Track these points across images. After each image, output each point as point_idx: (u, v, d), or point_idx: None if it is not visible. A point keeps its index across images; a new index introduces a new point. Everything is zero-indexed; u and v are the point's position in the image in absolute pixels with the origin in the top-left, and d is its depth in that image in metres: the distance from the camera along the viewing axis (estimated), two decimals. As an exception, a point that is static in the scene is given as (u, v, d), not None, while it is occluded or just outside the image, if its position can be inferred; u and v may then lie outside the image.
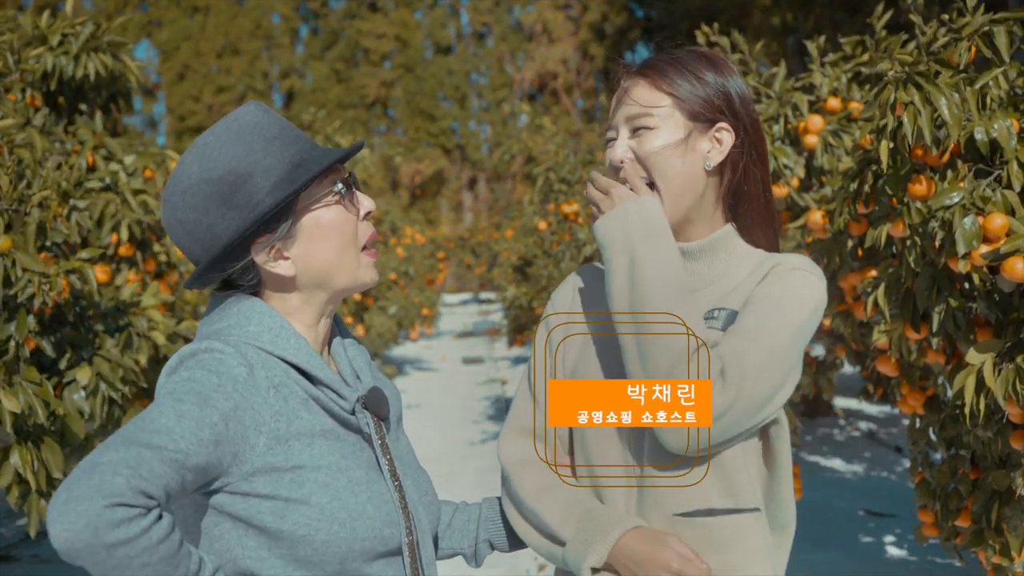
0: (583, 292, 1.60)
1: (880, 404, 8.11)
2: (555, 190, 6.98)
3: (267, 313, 1.33)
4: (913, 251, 2.39)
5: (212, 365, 1.23)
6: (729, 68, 1.52)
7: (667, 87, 1.47)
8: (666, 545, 1.36)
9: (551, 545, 1.46)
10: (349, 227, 1.35)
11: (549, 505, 1.46)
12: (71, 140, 3.45)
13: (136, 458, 1.08)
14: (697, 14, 15.22)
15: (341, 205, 1.35)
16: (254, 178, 1.29)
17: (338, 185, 1.35)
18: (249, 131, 1.31)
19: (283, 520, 1.23)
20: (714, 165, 1.48)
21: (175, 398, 1.18)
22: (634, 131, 1.48)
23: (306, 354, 1.32)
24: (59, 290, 2.52)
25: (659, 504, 1.41)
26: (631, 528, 1.39)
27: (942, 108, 2.22)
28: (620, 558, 1.37)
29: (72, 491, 1.05)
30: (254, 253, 1.32)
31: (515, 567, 4.59)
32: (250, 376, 1.24)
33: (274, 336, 1.31)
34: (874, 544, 4.74)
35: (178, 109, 34.30)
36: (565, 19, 33.72)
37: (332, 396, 1.33)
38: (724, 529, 1.40)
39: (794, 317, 1.40)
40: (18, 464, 2.42)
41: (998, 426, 2.46)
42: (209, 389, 1.20)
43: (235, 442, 1.20)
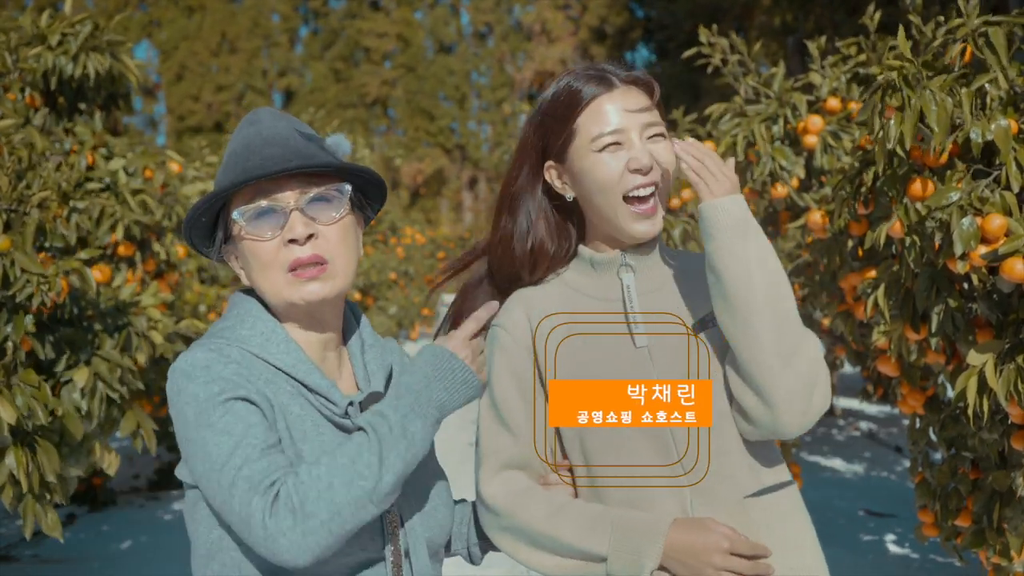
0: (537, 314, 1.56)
1: (880, 404, 8.12)
2: (555, 190, 6.97)
3: (260, 317, 1.37)
4: (912, 252, 2.39)
5: (202, 376, 1.27)
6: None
7: (658, 102, 1.57)
8: (710, 529, 1.40)
9: (579, 564, 1.44)
10: (263, 252, 1.35)
11: (568, 525, 1.44)
12: (71, 140, 3.45)
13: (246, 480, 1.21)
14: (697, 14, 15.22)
15: (254, 231, 1.35)
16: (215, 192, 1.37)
17: (235, 213, 1.35)
18: (231, 143, 1.39)
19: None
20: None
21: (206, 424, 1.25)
22: (649, 138, 1.52)
23: (293, 359, 1.34)
24: (58, 290, 2.52)
25: (731, 489, 1.46)
26: (672, 522, 1.41)
27: (930, 114, 2.22)
28: (672, 553, 1.39)
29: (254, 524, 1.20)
30: (222, 256, 1.42)
31: (515, 567, 4.59)
32: (240, 370, 1.29)
33: (263, 340, 1.34)
34: (874, 544, 4.74)
35: (177, 109, 34.30)
36: (565, 19, 33.73)
37: (321, 401, 1.35)
38: (782, 502, 1.49)
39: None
40: (12, 466, 2.42)
41: (1002, 427, 2.46)
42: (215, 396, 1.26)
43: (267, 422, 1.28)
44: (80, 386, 2.66)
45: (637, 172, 1.49)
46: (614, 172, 1.50)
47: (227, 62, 35.01)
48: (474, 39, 38.45)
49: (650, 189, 1.50)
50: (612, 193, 1.51)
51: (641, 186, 1.50)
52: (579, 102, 1.53)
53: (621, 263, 1.56)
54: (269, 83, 36.76)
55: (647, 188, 1.50)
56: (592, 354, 1.51)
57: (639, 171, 1.49)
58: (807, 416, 1.42)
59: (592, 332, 1.54)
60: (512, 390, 1.54)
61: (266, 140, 1.34)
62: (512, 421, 1.53)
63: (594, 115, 1.52)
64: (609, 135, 1.51)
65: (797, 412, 1.41)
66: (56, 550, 4.95)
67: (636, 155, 1.49)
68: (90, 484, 5.62)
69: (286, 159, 1.31)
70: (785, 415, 1.41)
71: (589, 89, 1.53)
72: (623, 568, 1.39)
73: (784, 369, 1.40)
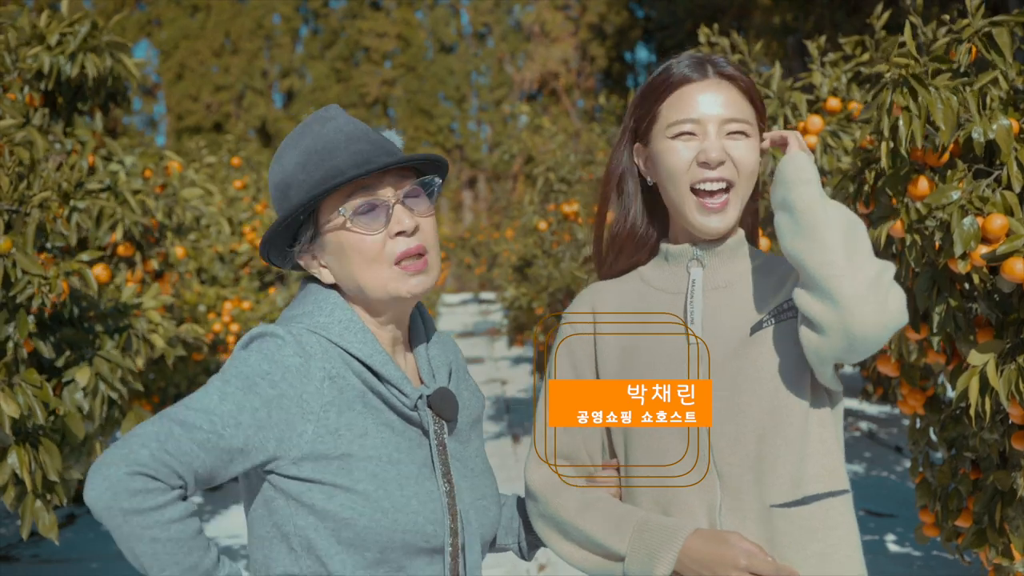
0: (605, 308, 1.59)
1: (880, 404, 8.12)
2: (555, 190, 6.98)
3: (339, 305, 1.39)
4: (913, 251, 2.39)
5: (269, 351, 1.29)
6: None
7: (755, 101, 1.54)
8: (730, 543, 1.37)
9: (602, 561, 1.45)
10: (369, 247, 1.36)
11: (596, 520, 1.45)
12: (71, 140, 3.44)
13: (166, 433, 1.18)
14: (697, 13, 15.23)
15: (361, 225, 1.36)
16: (291, 191, 1.37)
17: (342, 208, 1.36)
18: (303, 140, 1.39)
19: (330, 501, 1.28)
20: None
21: (223, 379, 1.27)
22: (729, 134, 1.50)
23: (370, 349, 1.36)
24: (58, 292, 2.52)
25: (757, 497, 1.41)
26: (692, 531, 1.39)
27: (936, 112, 2.22)
28: (687, 562, 1.38)
29: (105, 457, 1.16)
30: (297, 256, 1.41)
31: (515, 567, 4.59)
32: (304, 366, 1.29)
33: (342, 328, 1.36)
34: (875, 544, 4.74)
35: (177, 108, 34.28)
36: (564, 19, 33.71)
37: (394, 392, 1.36)
38: (815, 516, 1.42)
39: None
40: (15, 464, 2.41)
41: (1003, 427, 2.46)
42: (257, 375, 1.27)
43: (279, 428, 1.27)
44: (82, 386, 2.66)
45: (705, 165, 1.48)
46: (683, 161, 1.50)
47: (228, 62, 35.01)
48: (474, 39, 38.46)
49: (719, 184, 1.49)
50: (680, 182, 1.50)
51: (708, 180, 1.48)
52: (667, 86, 1.53)
53: (692, 256, 1.55)
54: (269, 83, 36.77)
55: (715, 183, 1.49)
56: (652, 344, 1.52)
57: (707, 164, 1.48)
58: (882, 316, 1.31)
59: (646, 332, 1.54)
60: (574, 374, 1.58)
61: (349, 137, 1.38)
62: None
63: (676, 101, 1.51)
64: (684, 123, 1.50)
65: (870, 311, 1.30)
66: (56, 550, 4.95)
67: (707, 147, 1.48)
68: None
69: (378, 155, 1.36)
70: (856, 312, 1.30)
71: (679, 75, 1.52)
72: (637, 568, 1.40)
73: (849, 264, 1.32)
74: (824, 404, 1.48)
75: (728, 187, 1.49)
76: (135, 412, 2.85)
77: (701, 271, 1.54)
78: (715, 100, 1.49)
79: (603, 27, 29.72)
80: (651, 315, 1.51)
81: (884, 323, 1.32)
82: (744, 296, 1.51)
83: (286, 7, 36.92)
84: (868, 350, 1.35)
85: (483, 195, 36.44)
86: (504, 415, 8.99)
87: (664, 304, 1.54)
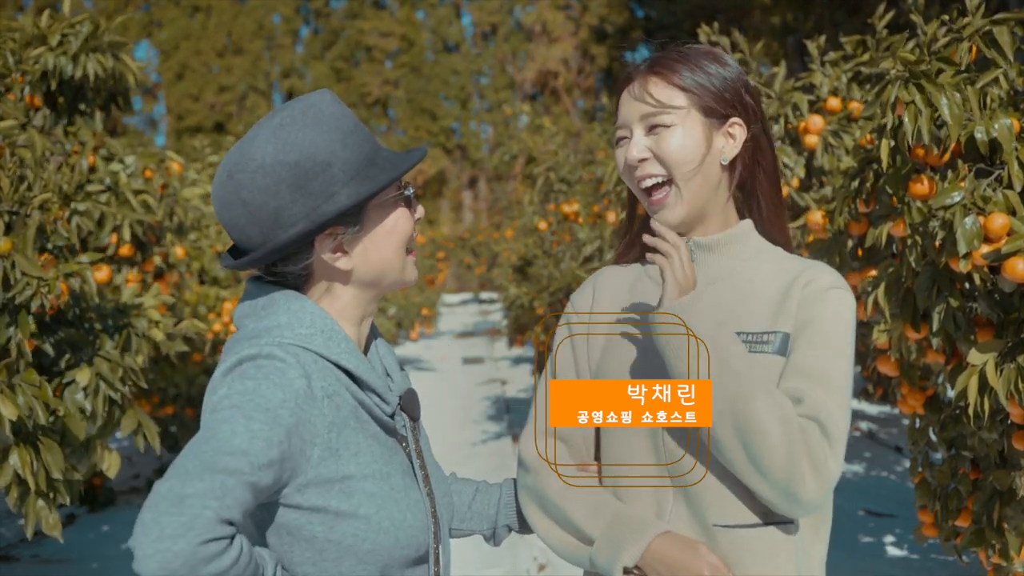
0: (604, 293, 1.60)
1: (880, 404, 8.11)
2: (555, 190, 6.98)
3: (318, 314, 1.31)
4: (914, 251, 2.39)
5: (275, 376, 1.21)
6: (731, 61, 1.54)
7: (682, 84, 1.47)
8: (697, 553, 1.37)
9: (574, 543, 1.46)
10: (409, 230, 1.37)
11: (576, 503, 1.46)
12: (71, 140, 3.44)
13: (221, 488, 1.08)
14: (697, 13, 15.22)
15: (408, 208, 1.37)
16: (332, 169, 1.26)
17: (409, 189, 1.37)
18: (327, 119, 1.29)
19: (331, 530, 1.24)
20: (729, 160, 1.50)
21: (244, 415, 1.16)
22: (650, 128, 1.47)
23: (356, 359, 1.31)
24: (57, 293, 2.52)
25: (700, 513, 1.41)
26: (663, 532, 1.39)
27: (943, 108, 2.21)
28: (651, 561, 1.37)
29: (164, 528, 1.04)
30: (318, 246, 1.30)
31: (515, 567, 4.59)
32: (309, 388, 1.23)
33: (326, 339, 1.29)
34: (874, 544, 4.74)
35: (177, 109, 34.29)
36: (565, 19, 33.72)
37: (376, 400, 1.33)
38: (758, 541, 1.40)
39: (848, 351, 1.44)
40: (17, 465, 2.42)
41: (1002, 427, 2.46)
42: (276, 405, 1.18)
43: (295, 457, 1.20)
44: (83, 386, 2.66)
45: (630, 168, 1.49)
46: (619, 165, 1.52)
47: (230, 63, 35.03)
48: (476, 39, 38.46)
49: (653, 180, 1.48)
50: (631, 186, 1.52)
51: (641, 179, 1.49)
52: (616, 95, 1.54)
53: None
54: (270, 83, 36.77)
55: (649, 180, 1.48)
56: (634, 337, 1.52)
57: (631, 167, 1.49)
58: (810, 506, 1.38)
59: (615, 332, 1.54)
60: (570, 363, 1.58)
61: (362, 124, 1.36)
62: None
63: (617, 108, 1.53)
64: (617, 129, 1.51)
65: (802, 511, 1.38)
66: (56, 550, 4.95)
67: (629, 148, 1.48)
68: (90, 484, 5.63)
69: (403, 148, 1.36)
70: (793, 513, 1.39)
71: (618, 81, 1.53)
72: (603, 556, 1.40)
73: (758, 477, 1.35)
74: None
75: (666, 181, 1.48)
76: (134, 412, 2.85)
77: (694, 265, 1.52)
78: (635, 99, 1.48)
79: (604, 27, 29.73)
80: (648, 311, 1.51)
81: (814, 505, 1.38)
82: (734, 294, 1.49)
83: (287, 7, 36.94)
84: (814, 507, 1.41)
85: (483, 195, 36.44)
86: (504, 415, 9.00)
87: (653, 294, 1.53)
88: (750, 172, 1.54)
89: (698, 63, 1.49)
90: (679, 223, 1.50)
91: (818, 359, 1.41)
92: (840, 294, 1.46)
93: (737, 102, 1.50)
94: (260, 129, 1.28)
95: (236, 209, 1.27)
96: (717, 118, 1.49)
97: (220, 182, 1.29)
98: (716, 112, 1.48)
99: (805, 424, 1.36)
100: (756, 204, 1.57)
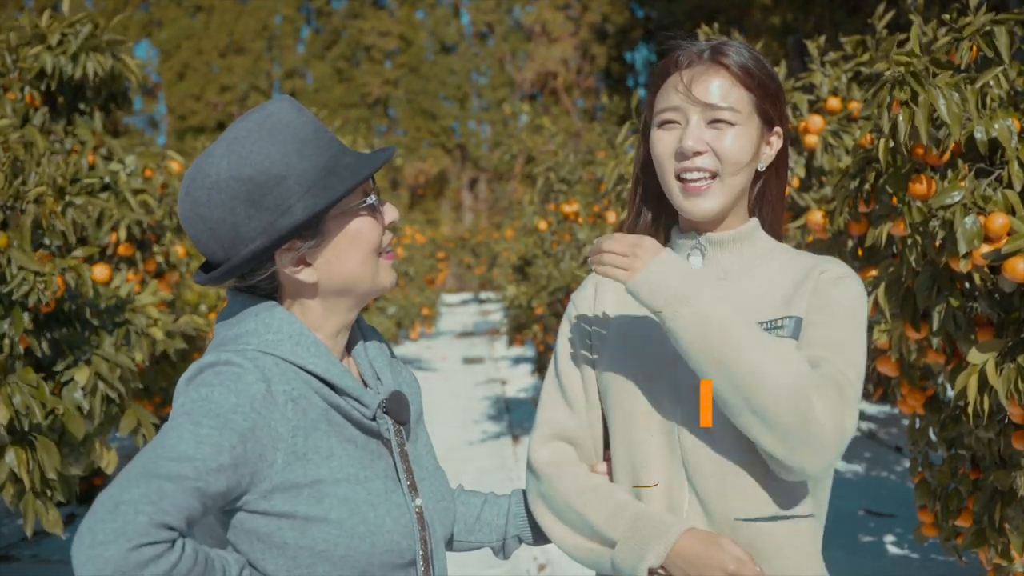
0: (606, 291, 1.59)
1: (880, 404, 8.11)
2: (555, 190, 6.98)
3: (287, 320, 1.30)
4: (914, 250, 2.39)
5: (230, 382, 1.20)
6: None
7: (751, 87, 1.46)
8: (721, 547, 1.36)
9: (594, 547, 1.44)
10: (376, 237, 1.34)
11: (594, 506, 1.45)
12: (71, 140, 3.45)
13: (158, 492, 1.07)
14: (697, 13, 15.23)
15: (371, 216, 1.33)
16: (287, 181, 1.24)
17: (371, 197, 1.33)
18: (283, 130, 1.26)
19: (302, 536, 1.22)
20: (765, 167, 1.52)
21: (192, 421, 1.15)
22: (712, 122, 1.45)
23: (326, 362, 1.30)
24: (54, 288, 2.51)
25: (717, 509, 1.41)
26: (687, 529, 1.39)
27: (940, 108, 2.21)
28: (676, 560, 1.37)
29: (96, 534, 1.03)
30: (278, 259, 1.29)
31: (515, 567, 4.58)
32: (268, 392, 1.22)
33: (293, 344, 1.28)
34: (874, 544, 4.74)
35: (178, 108, 34.31)
36: (565, 19, 33.71)
37: (353, 404, 1.31)
38: (779, 534, 1.40)
39: (864, 328, 1.43)
40: (13, 463, 2.41)
41: (1000, 427, 2.46)
42: (227, 410, 1.17)
43: (253, 462, 1.18)
44: (81, 385, 2.66)
45: (682, 155, 1.45)
46: (666, 150, 1.47)
47: (232, 62, 35.03)
48: (475, 39, 38.47)
49: (700, 174, 1.45)
50: (666, 172, 1.48)
51: (687, 170, 1.45)
52: (661, 74, 1.50)
53: (695, 245, 1.52)
54: (271, 83, 36.78)
55: (695, 173, 1.45)
56: (640, 332, 1.51)
57: (683, 154, 1.45)
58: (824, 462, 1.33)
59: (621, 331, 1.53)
60: (573, 364, 1.56)
61: (317, 125, 1.31)
62: (571, 394, 1.55)
63: (664, 89, 1.49)
64: (666, 111, 1.47)
65: (814, 467, 1.33)
66: (56, 550, 4.95)
67: (684, 137, 1.44)
68: (90, 484, 5.62)
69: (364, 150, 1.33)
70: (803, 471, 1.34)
71: (671, 62, 1.49)
72: (627, 558, 1.39)
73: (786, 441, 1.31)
74: None
75: (712, 176, 1.45)
76: (133, 410, 2.85)
77: (701, 260, 1.51)
78: (699, 87, 1.45)
79: (604, 27, 29.73)
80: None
81: (829, 462, 1.33)
82: (744, 289, 1.48)
83: (288, 7, 36.95)
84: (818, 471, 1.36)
85: (484, 195, 36.45)
86: (504, 415, 8.99)
87: None
88: (769, 177, 1.55)
89: (763, 67, 1.48)
90: (711, 216, 1.48)
91: (834, 332, 1.40)
92: (854, 282, 1.46)
93: (783, 112, 1.52)
94: (217, 144, 1.27)
95: (198, 226, 1.27)
96: (767, 124, 1.49)
97: (181, 199, 1.29)
98: (769, 119, 1.49)
99: (820, 380, 1.33)
100: (765, 207, 1.57)
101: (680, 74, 1.47)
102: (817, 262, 1.49)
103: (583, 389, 1.55)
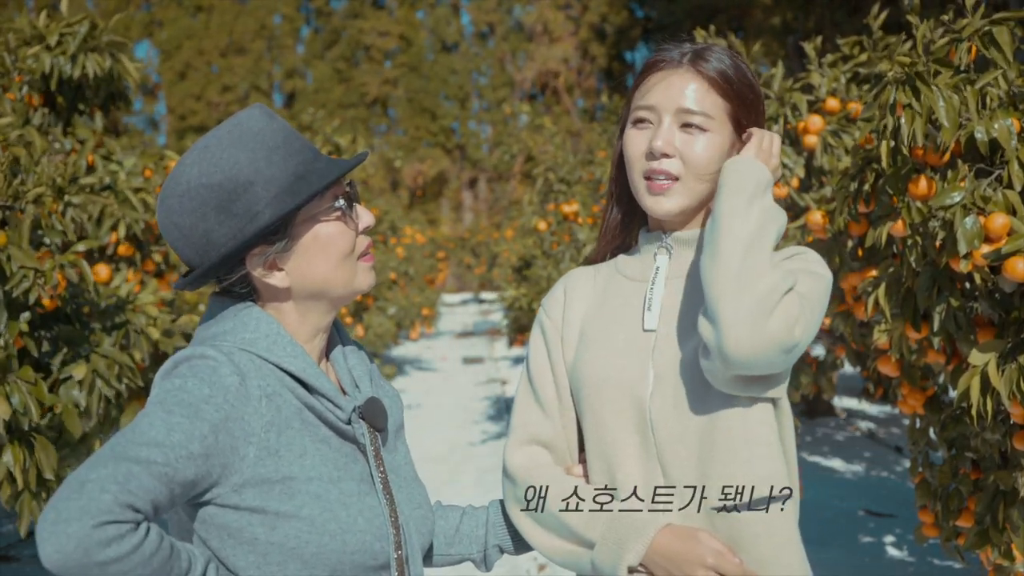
0: (575, 295, 1.59)
1: (880, 404, 8.11)
2: (555, 190, 6.98)
3: (263, 319, 1.32)
4: (914, 251, 2.39)
5: (204, 374, 1.22)
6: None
7: (727, 94, 1.47)
8: (699, 541, 1.36)
9: (574, 549, 1.44)
10: (347, 242, 1.34)
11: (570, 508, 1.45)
12: (71, 140, 3.44)
13: (124, 474, 1.08)
14: (697, 13, 15.23)
15: (341, 221, 1.34)
16: (255, 187, 1.27)
17: (340, 201, 1.33)
18: (252, 137, 1.28)
19: (273, 531, 1.22)
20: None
21: (165, 409, 1.17)
22: (684, 125, 1.45)
23: (302, 362, 1.31)
24: (54, 284, 2.51)
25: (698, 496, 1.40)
26: (664, 525, 1.39)
27: (939, 110, 2.21)
28: (655, 556, 1.37)
29: (60, 512, 1.04)
30: (248, 264, 1.31)
31: (515, 567, 4.58)
32: (242, 386, 1.23)
33: (270, 343, 1.30)
34: (874, 544, 4.74)
35: (179, 108, 34.31)
36: (565, 19, 33.73)
37: (328, 405, 1.32)
38: (756, 523, 1.40)
39: (825, 293, 1.43)
40: (10, 463, 2.41)
41: (1005, 427, 2.45)
42: (200, 400, 1.19)
43: (224, 454, 1.19)
44: (79, 380, 2.66)
45: (650, 156, 1.45)
46: (636, 149, 1.47)
47: (232, 62, 35.04)
48: (475, 39, 38.48)
49: (663, 177, 1.45)
50: (635, 170, 1.48)
51: (653, 172, 1.46)
52: (642, 73, 1.51)
53: (660, 244, 1.53)
54: (271, 83, 36.80)
55: (660, 176, 1.45)
56: (608, 331, 1.51)
57: (652, 155, 1.45)
58: (757, 340, 1.27)
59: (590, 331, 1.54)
60: (546, 368, 1.57)
61: (288, 132, 1.33)
62: (544, 398, 1.55)
63: (642, 88, 1.49)
64: (641, 109, 1.48)
65: (744, 334, 1.27)
66: (55, 550, 4.94)
67: (655, 137, 1.45)
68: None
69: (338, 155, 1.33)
70: (731, 336, 1.28)
71: (652, 61, 1.50)
72: (606, 558, 1.39)
73: (736, 283, 1.30)
74: (767, 406, 1.43)
75: (675, 179, 1.46)
76: (133, 409, 2.84)
77: (667, 259, 1.52)
78: (674, 90, 1.45)
79: (604, 27, 29.74)
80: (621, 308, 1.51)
81: (759, 348, 1.28)
82: (699, 286, 1.47)
83: (288, 7, 36.96)
84: (752, 372, 1.32)
85: (483, 195, 36.45)
86: (504, 415, 8.99)
87: (628, 291, 1.53)
88: None
89: (744, 77, 1.49)
90: (673, 216, 1.49)
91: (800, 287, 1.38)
92: (815, 256, 1.47)
93: (759, 122, 1.52)
94: (190, 152, 1.30)
95: (172, 232, 1.30)
96: (739, 129, 1.49)
97: (157, 207, 1.32)
98: (741, 125, 1.49)
99: (786, 277, 1.34)
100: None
101: (659, 75, 1.48)
102: (779, 252, 1.49)
103: (556, 393, 1.55)
